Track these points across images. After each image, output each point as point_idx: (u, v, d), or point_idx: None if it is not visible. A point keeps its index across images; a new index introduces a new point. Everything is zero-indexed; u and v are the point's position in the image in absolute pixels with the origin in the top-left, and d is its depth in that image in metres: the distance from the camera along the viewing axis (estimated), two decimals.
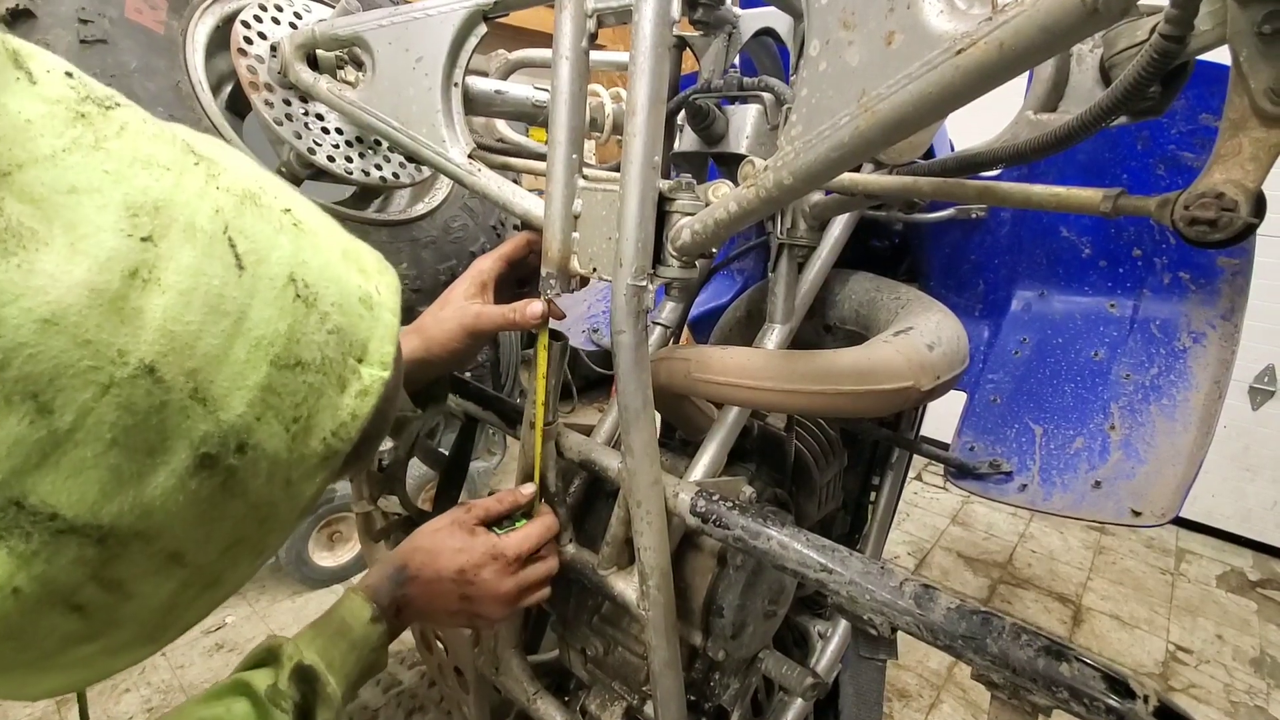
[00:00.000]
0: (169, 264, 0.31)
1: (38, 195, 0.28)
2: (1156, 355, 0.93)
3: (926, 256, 1.18)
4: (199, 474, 0.33)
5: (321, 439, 0.39)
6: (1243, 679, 2.42)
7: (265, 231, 0.37)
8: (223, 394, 0.33)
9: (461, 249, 1.14)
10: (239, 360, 0.34)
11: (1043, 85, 0.57)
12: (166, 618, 0.38)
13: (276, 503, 0.38)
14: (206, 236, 0.33)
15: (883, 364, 0.69)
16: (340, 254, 0.42)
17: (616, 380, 0.66)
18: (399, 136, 0.83)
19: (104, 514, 0.31)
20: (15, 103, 0.29)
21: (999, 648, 0.52)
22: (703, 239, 0.60)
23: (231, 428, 0.34)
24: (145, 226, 0.31)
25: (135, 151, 0.32)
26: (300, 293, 0.37)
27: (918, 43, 0.38)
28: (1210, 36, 0.40)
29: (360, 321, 0.42)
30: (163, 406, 0.31)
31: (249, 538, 0.39)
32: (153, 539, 0.33)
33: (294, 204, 0.41)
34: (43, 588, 0.30)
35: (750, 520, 0.66)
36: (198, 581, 0.38)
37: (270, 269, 0.36)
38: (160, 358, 0.31)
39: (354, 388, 0.41)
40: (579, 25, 0.65)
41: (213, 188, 0.35)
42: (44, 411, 0.28)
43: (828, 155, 0.45)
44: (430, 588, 0.72)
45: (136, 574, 0.34)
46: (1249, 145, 0.36)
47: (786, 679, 0.88)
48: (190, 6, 0.89)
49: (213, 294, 0.33)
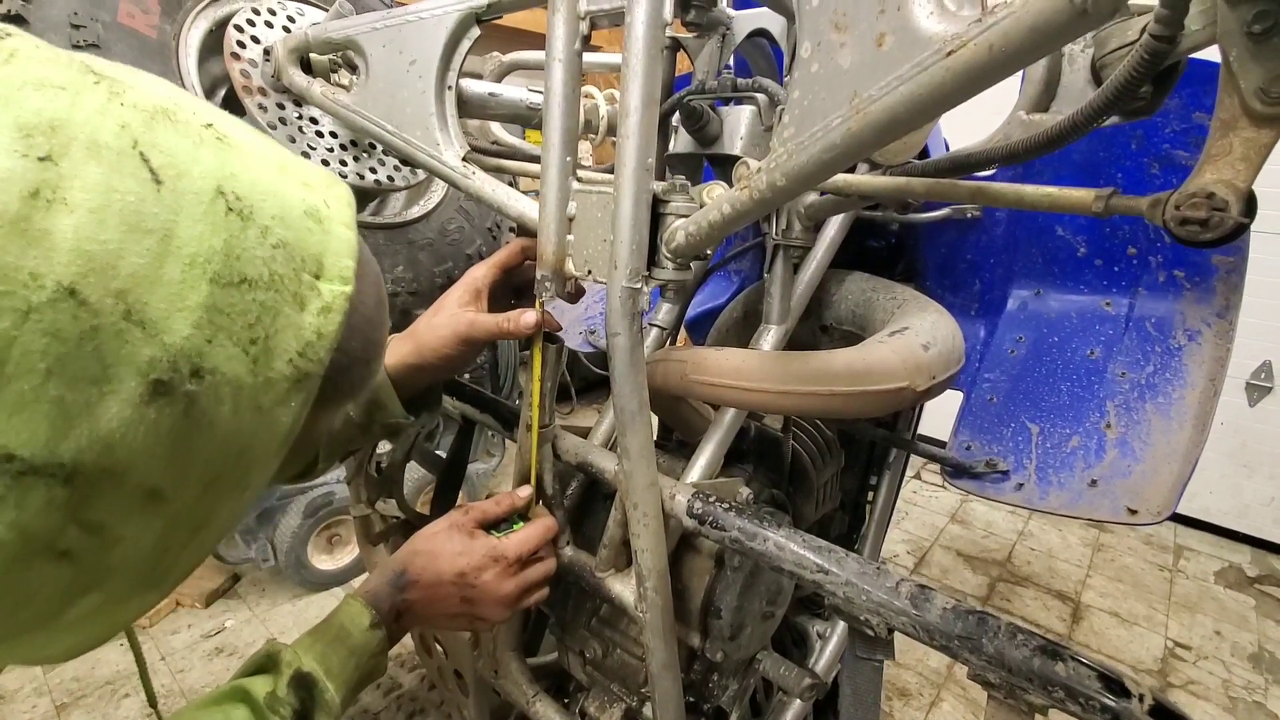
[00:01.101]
0: (73, 182, 0.30)
1: None
2: (1152, 353, 0.93)
3: (922, 256, 1.18)
4: (155, 402, 0.32)
5: (287, 360, 0.38)
6: (1241, 675, 2.42)
7: (183, 146, 0.35)
8: (161, 315, 0.32)
9: (458, 251, 1.14)
10: (173, 280, 0.32)
11: (1035, 85, 0.57)
12: (161, 561, 0.37)
13: (252, 432, 0.37)
14: (113, 153, 0.32)
15: (878, 364, 0.69)
16: (276, 168, 0.40)
17: (612, 382, 0.66)
18: (393, 140, 0.83)
19: (62, 450, 0.30)
20: None
21: (995, 648, 0.52)
22: (697, 240, 0.60)
23: (180, 351, 0.33)
24: (42, 146, 0.29)
25: (25, 75, 0.31)
26: (232, 205, 0.36)
27: (908, 44, 0.38)
28: (1200, 36, 0.40)
29: (309, 235, 0.40)
30: (95, 331, 0.30)
31: (228, 473, 0.38)
32: (122, 475, 0.32)
33: (217, 119, 0.39)
34: (20, 535, 0.30)
35: (747, 521, 0.66)
36: (185, 522, 0.37)
37: (193, 183, 0.34)
38: (80, 279, 0.29)
39: (314, 305, 0.39)
40: (572, 28, 0.64)
41: (116, 104, 0.33)
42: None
43: (820, 156, 0.45)
44: (431, 591, 0.72)
45: (116, 515, 0.33)
46: (1240, 145, 0.37)
47: (785, 680, 0.88)
48: (183, 10, 0.89)
49: (129, 211, 0.31)
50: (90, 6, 0.81)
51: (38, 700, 2.15)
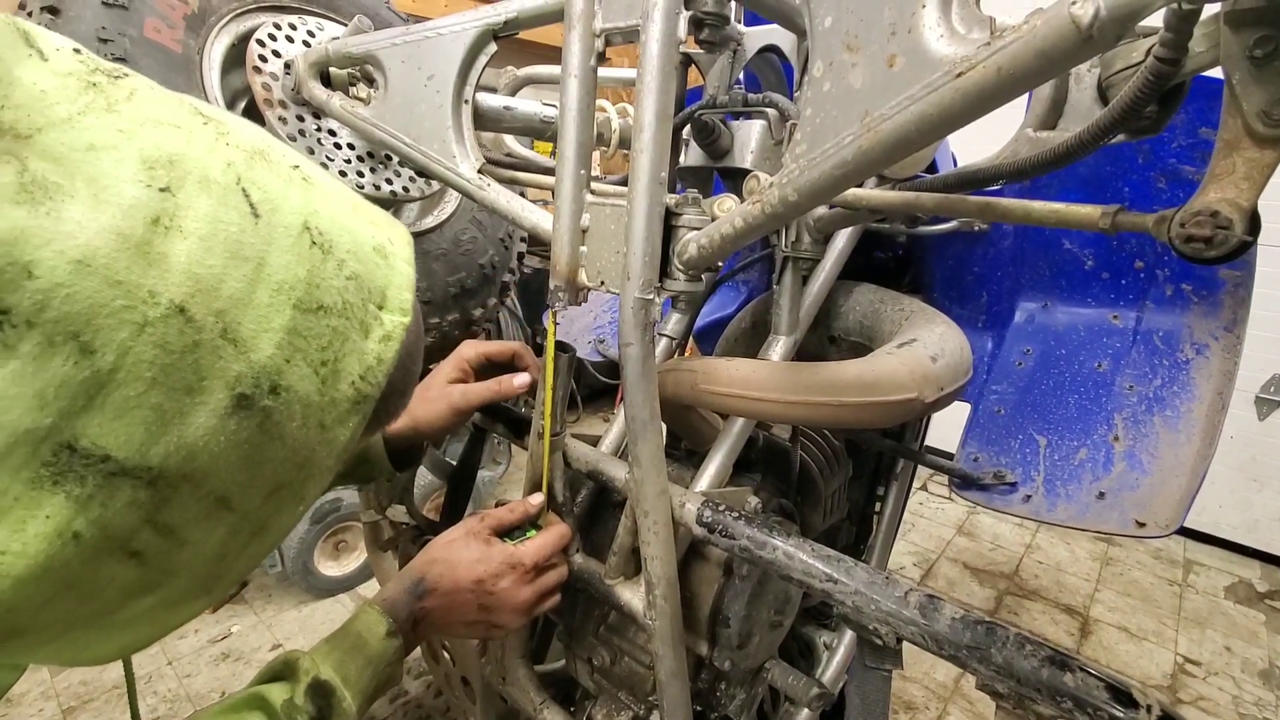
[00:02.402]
0: (188, 212, 0.33)
1: (58, 154, 0.30)
2: (1160, 366, 0.93)
3: (930, 268, 1.19)
4: (237, 414, 0.35)
5: (350, 382, 0.41)
6: (1251, 691, 2.40)
7: (276, 184, 0.38)
8: (251, 335, 0.35)
9: (471, 261, 1.16)
10: (263, 303, 0.36)
11: (1042, 104, 0.58)
12: (219, 566, 0.39)
13: (313, 447, 0.40)
14: (221, 188, 0.35)
15: (887, 375, 0.70)
16: (350, 207, 0.44)
17: (623, 391, 0.67)
18: (410, 152, 0.85)
19: (152, 455, 0.32)
20: (29, 75, 0.31)
21: (1003, 658, 0.52)
22: (709, 253, 0.61)
23: (263, 369, 0.36)
24: (162, 178, 0.33)
25: (146, 113, 0.34)
26: (315, 240, 0.39)
27: (919, 66, 0.39)
28: (1204, 59, 0.41)
29: (376, 269, 0.43)
30: (196, 346, 0.33)
31: (290, 483, 0.40)
32: (200, 481, 0.35)
33: (301, 162, 0.43)
34: (101, 532, 0.32)
35: (756, 530, 0.67)
36: (245, 528, 0.39)
37: (285, 217, 0.38)
38: (189, 298, 0.32)
39: (377, 333, 0.43)
40: (587, 45, 0.66)
41: (222, 144, 0.37)
42: (86, 352, 0.30)
43: (831, 173, 0.46)
44: (449, 599, 0.72)
45: (188, 519, 0.35)
46: (1243, 165, 0.37)
47: (792, 689, 0.88)
48: (207, 25, 0.91)
49: (232, 240, 0.34)
50: (118, 21, 0.83)
51: (45, 704, 2.16)
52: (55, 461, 0.30)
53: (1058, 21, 0.32)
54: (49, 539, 0.30)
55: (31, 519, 0.30)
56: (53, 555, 0.31)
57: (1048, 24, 0.33)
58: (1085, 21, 0.31)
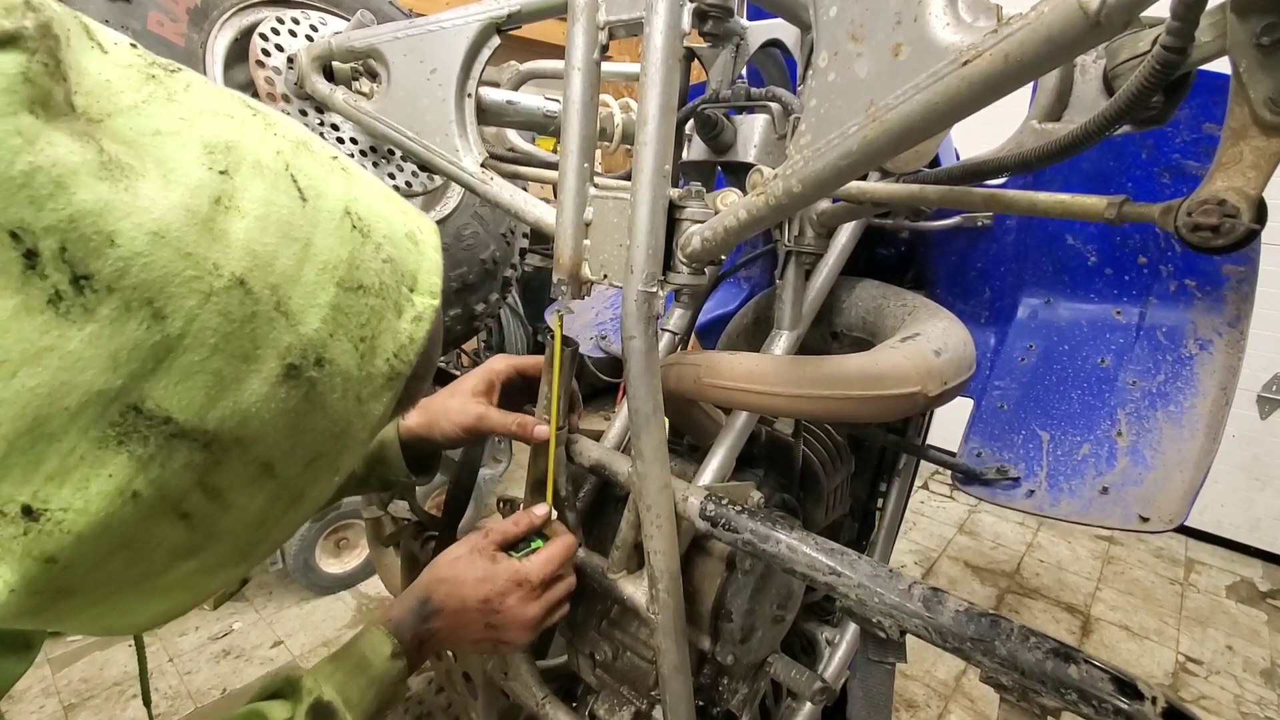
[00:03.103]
0: (245, 194, 0.35)
1: (129, 138, 0.32)
2: (1163, 362, 0.93)
3: (933, 264, 1.19)
4: (286, 383, 0.37)
5: (385, 359, 0.43)
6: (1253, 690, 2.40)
7: (319, 171, 0.41)
8: (300, 309, 0.37)
9: (473, 256, 1.16)
10: (310, 280, 0.38)
11: (1047, 95, 0.58)
12: (258, 532, 0.41)
13: (350, 419, 0.42)
14: (272, 173, 0.37)
15: (890, 369, 0.70)
16: (384, 196, 0.47)
17: (627, 385, 0.67)
18: (413, 146, 0.85)
19: (210, 418, 0.34)
20: (94, 66, 0.33)
21: (1008, 650, 0.52)
22: (712, 246, 0.61)
23: (310, 341, 0.38)
24: (221, 162, 0.35)
25: (203, 103, 0.37)
26: (355, 224, 0.41)
27: (925, 54, 0.39)
28: (1211, 48, 0.41)
29: (409, 254, 0.46)
30: (253, 316, 0.35)
31: (328, 453, 0.42)
32: (249, 446, 0.37)
33: (339, 154, 0.46)
34: (158, 492, 0.34)
35: (759, 524, 0.67)
36: (285, 495, 0.41)
37: (328, 202, 0.40)
38: (248, 272, 0.35)
39: (409, 313, 0.45)
40: (591, 38, 0.66)
41: (271, 134, 0.39)
42: (158, 317, 0.32)
43: (836, 164, 0.46)
44: (455, 619, 0.72)
45: (235, 483, 0.37)
46: (1250, 153, 0.37)
47: (795, 683, 0.88)
48: (210, 19, 0.91)
49: (283, 221, 0.37)
50: (121, 15, 0.83)
51: (45, 701, 2.17)
52: (122, 422, 0.32)
53: (1066, 8, 0.32)
54: (110, 497, 0.32)
55: (96, 477, 0.31)
56: (112, 513, 0.32)
57: (1055, 10, 0.33)
58: (1093, 7, 0.31)
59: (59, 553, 0.32)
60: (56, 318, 0.29)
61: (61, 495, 0.31)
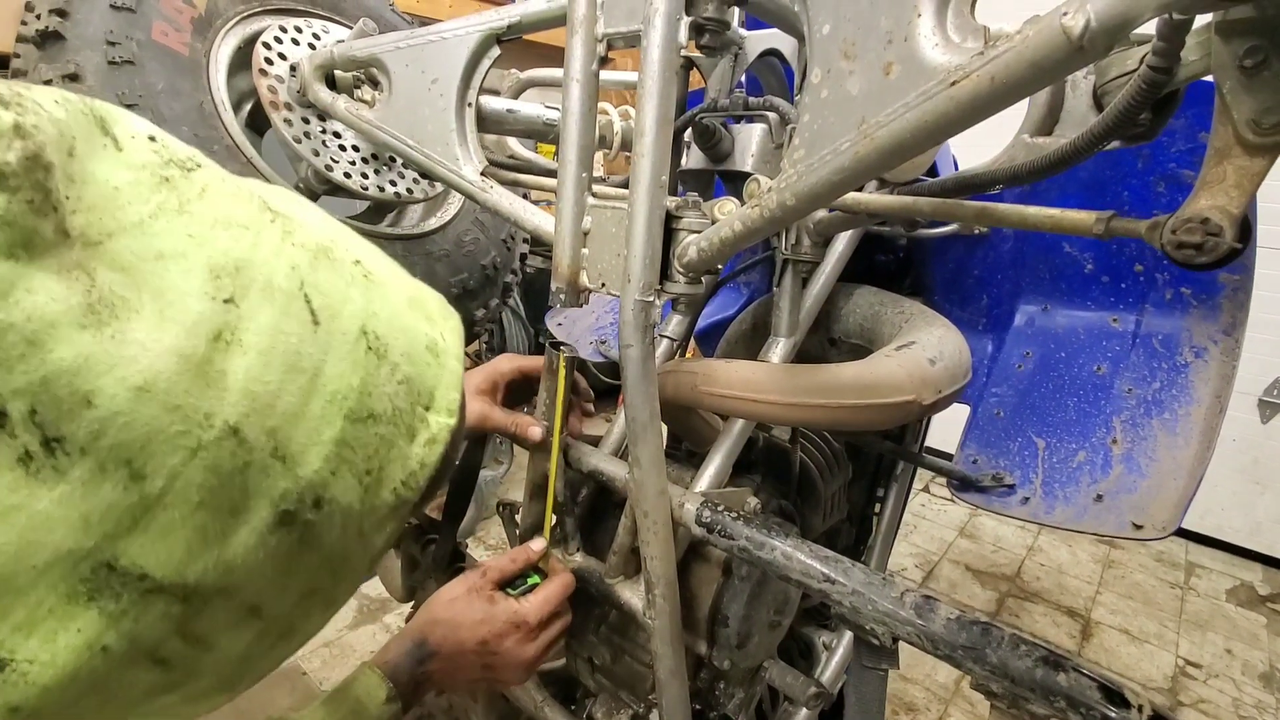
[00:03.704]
0: (249, 324, 0.32)
1: (127, 263, 0.30)
2: (1158, 370, 0.93)
3: (930, 271, 1.20)
4: (279, 530, 0.34)
5: (392, 489, 0.40)
6: (1252, 694, 2.40)
7: (338, 285, 0.38)
8: (300, 450, 0.34)
9: (473, 262, 1.17)
10: (315, 416, 0.35)
11: (1039, 110, 0.59)
12: (242, 667, 0.39)
13: (350, 554, 0.39)
14: (284, 295, 0.34)
15: (885, 378, 0.71)
16: (407, 302, 0.43)
17: (624, 393, 0.67)
18: (414, 154, 0.86)
19: (189, 573, 0.32)
20: (104, 170, 0.31)
21: (998, 658, 0.53)
22: (709, 255, 0.61)
23: (309, 484, 0.35)
24: (227, 288, 0.32)
25: (216, 213, 0.34)
26: (372, 345, 0.38)
27: (914, 74, 0.40)
28: (1197, 67, 0.41)
29: (428, 370, 0.43)
30: (246, 467, 0.32)
31: (322, 589, 0.40)
32: (233, 594, 0.34)
33: (363, 255, 0.42)
34: (130, 644, 0.32)
35: (755, 531, 0.67)
36: (273, 632, 0.39)
37: (343, 323, 0.37)
38: (243, 419, 0.32)
39: (422, 436, 0.42)
40: (590, 49, 0.67)
41: (289, 244, 0.36)
42: (136, 477, 0.29)
43: (829, 178, 0.47)
44: (452, 661, 0.71)
45: (217, 627, 0.35)
46: (1233, 173, 0.38)
47: (791, 688, 0.89)
48: (213, 29, 0.92)
49: (290, 351, 0.34)
50: (125, 25, 0.84)
51: None
52: (93, 579, 0.30)
53: (1049, 32, 0.33)
54: (78, 651, 0.30)
55: (63, 631, 0.30)
56: (80, 666, 0.30)
57: (1040, 34, 0.33)
58: (1076, 32, 0.32)
59: (23, 703, 0.30)
60: (26, 477, 0.27)
61: (28, 647, 0.29)
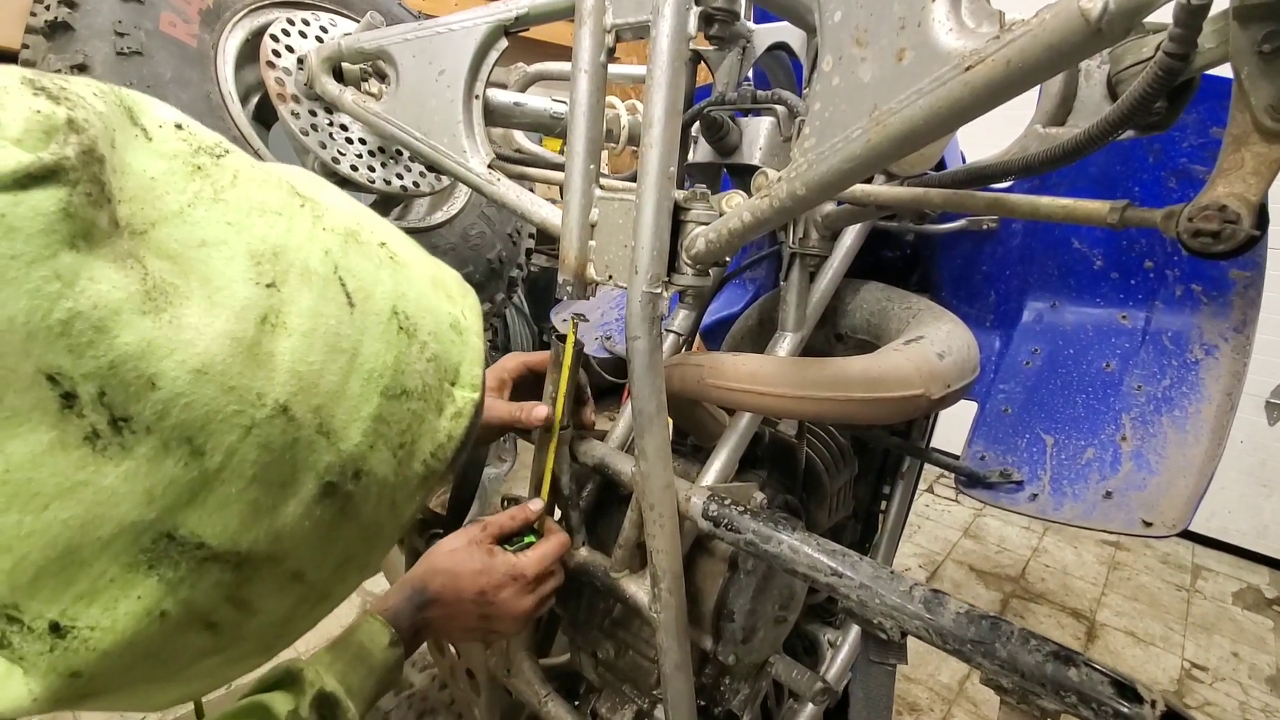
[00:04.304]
0: (292, 308, 0.34)
1: (173, 251, 0.31)
2: (1168, 367, 0.93)
3: (938, 267, 1.19)
4: (323, 502, 0.36)
5: (423, 461, 0.42)
6: (1258, 697, 2.38)
7: (368, 268, 0.39)
8: (342, 426, 0.36)
9: (479, 256, 1.16)
10: (355, 394, 0.37)
11: (1051, 99, 0.58)
12: (283, 629, 0.41)
13: (383, 523, 0.41)
14: (320, 279, 0.36)
15: (893, 372, 0.70)
16: (431, 283, 0.45)
17: (631, 385, 0.67)
18: (421, 147, 0.86)
19: (243, 542, 0.34)
20: (139, 161, 0.32)
21: (1008, 652, 0.52)
22: (717, 247, 0.61)
23: (350, 457, 0.37)
24: (269, 273, 0.33)
25: (250, 200, 0.35)
26: (403, 325, 0.40)
27: (928, 60, 0.40)
28: (1213, 54, 0.41)
29: (452, 347, 0.45)
30: (294, 443, 0.34)
31: (357, 556, 0.42)
32: (280, 561, 0.36)
33: (388, 237, 0.43)
34: (186, 610, 0.33)
35: (762, 525, 0.67)
36: (312, 596, 0.41)
37: (376, 304, 0.39)
38: (292, 397, 0.33)
39: (449, 410, 0.44)
40: (598, 40, 0.66)
41: (320, 229, 0.37)
42: (196, 454, 0.31)
43: (840, 167, 0.47)
44: (451, 609, 0.73)
45: (264, 592, 0.37)
46: (1251, 160, 0.38)
47: (796, 683, 0.88)
48: (222, 20, 0.92)
49: (330, 333, 0.35)
50: (134, 15, 0.84)
51: None
52: (154, 548, 0.31)
53: (1067, 15, 0.33)
54: (138, 617, 0.32)
55: (124, 598, 0.31)
56: (139, 631, 0.32)
57: (1057, 17, 0.33)
58: (1094, 15, 0.31)
59: (84, 668, 0.31)
60: (93, 454, 0.29)
61: (90, 614, 0.31)
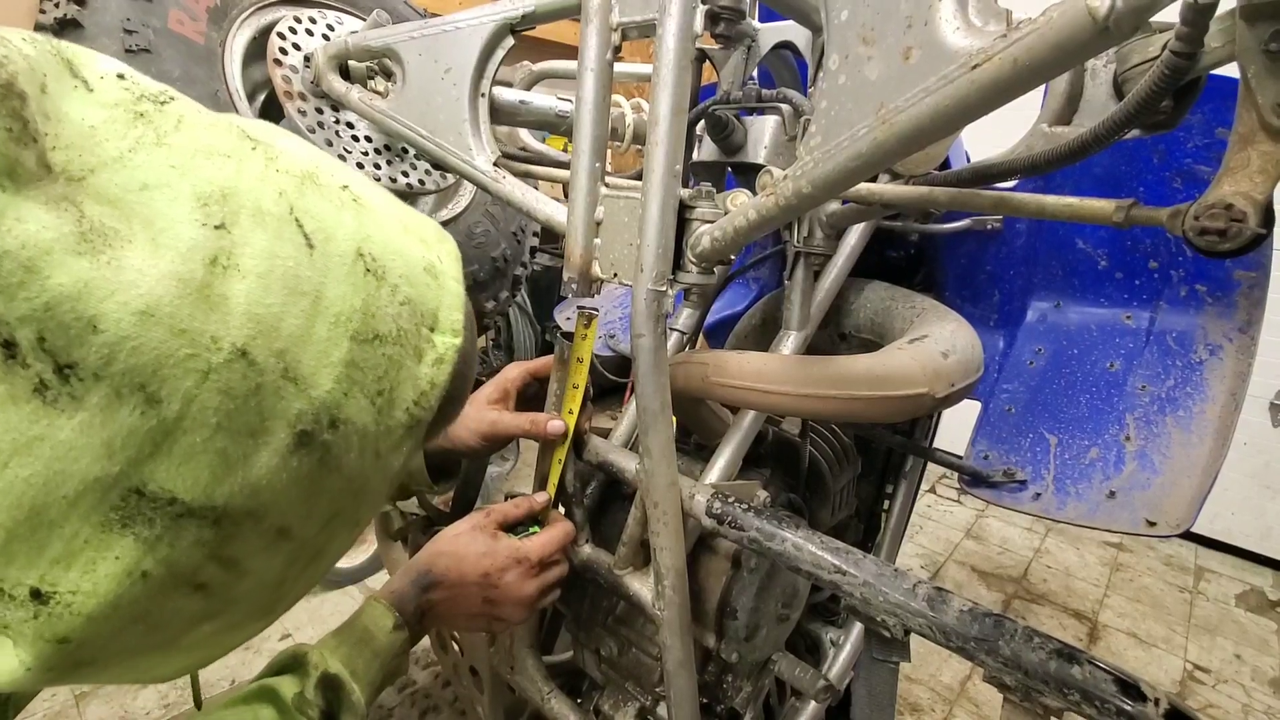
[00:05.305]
0: (244, 249, 0.32)
1: (113, 196, 0.30)
2: (1172, 367, 0.93)
3: (942, 267, 1.19)
4: (298, 451, 0.35)
5: (405, 409, 0.41)
6: (1261, 699, 2.38)
7: (328, 210, 0.37)
8: (310, 372, 0.35)
9: (484, 254, 1.17)
10: (321, 338, 0.35)
11: (1057, 99, 0.58)
12: (278, 591, 0.40)
13: (368, 475, 0.40)
14: (275, 219, 0.34)
15: (898, 370, 0.70)
16: (400, 227, 0.43)
17: (635, 383, 0.67)
18: (427, 144, 0.86)
19: (217, 495, 0.32)
20: (77, 110, 0.31)
21: (1011, 650, 0.52)
22: (721, 246, 0.61)
23: (323, 404, 0.35)
24: (217, 215, 0.32)
25: (195, 143, 0.33)
26: (369, 267, 0.38)
27: (935, 58, 0.40)
28: (1220, 53, 0.41)
29: (428, 291, 0.43)
30: (258, 389, 0.33)
31: (345, 510, 0.41)
32: (262, 517, 0.35)
33: (350, 180, 0.42)
34: (168, 570, 0.32)
35: (765, 522, 0.67)
36: (304, 555, 0.40)
37: (338, 245, 0.37)
38: (250, 341, 0.32)
39: (429, 356, 0.42)
40: (604, 39, 0.67)
41: (272, 170, 0.36)
42: (152, 402, 0.30)
43: (846, 165, 0.47)
44: (455, 592, 0.73)
45: (250, 551, 0.36)
46: (1257, 158, 0.38)
47: (799, 681, 0.88)
48: (229, 18, 0.92)
49: (289, 275, 0.34)
50: (142, 13, 0.84)
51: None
52: (124, 506, 0.30)
53: (1074, 13, 0.33)
54: (118, 579, 0.31)
55: (102, 560, 0.31)
56: (122, 593, 0.31)
57: (1064, 16, 0.33)
58: (1101, 13, 0.32)
59: (71, 633, 0.31)
60: (44, 406, 0.28)
61: (69, 578, 0.30)
